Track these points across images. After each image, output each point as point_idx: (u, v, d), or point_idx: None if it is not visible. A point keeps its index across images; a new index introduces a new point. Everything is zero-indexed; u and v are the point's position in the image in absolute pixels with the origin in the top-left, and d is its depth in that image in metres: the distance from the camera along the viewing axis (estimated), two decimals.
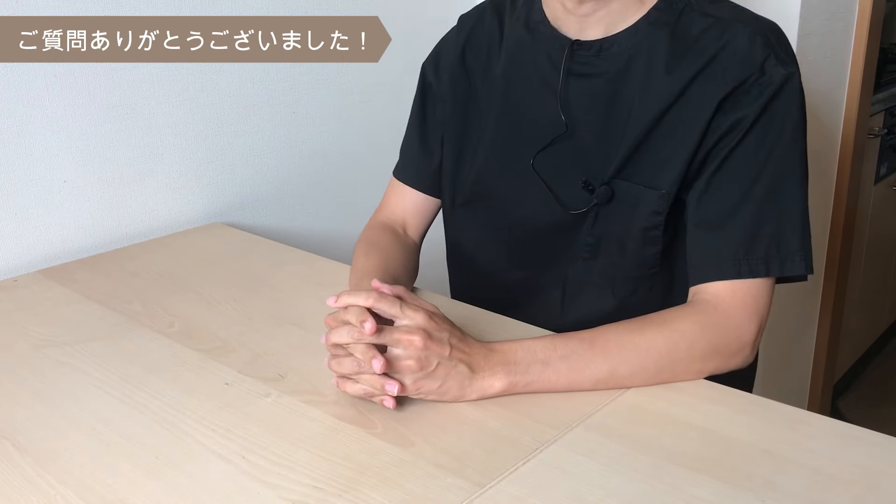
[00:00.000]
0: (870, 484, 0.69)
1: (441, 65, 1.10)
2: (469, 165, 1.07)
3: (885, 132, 2.50)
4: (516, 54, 1.02)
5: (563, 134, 0.97)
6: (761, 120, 0.87)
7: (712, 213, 0.89)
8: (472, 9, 1.11)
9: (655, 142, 0.92)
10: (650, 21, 0.93)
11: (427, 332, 0.79)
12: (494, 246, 1.07)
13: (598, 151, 0.95)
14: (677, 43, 0.91)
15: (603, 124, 0.95)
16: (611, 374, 0.83)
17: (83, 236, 1.26)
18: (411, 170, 1.15)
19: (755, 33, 0.89)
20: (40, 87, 1.17)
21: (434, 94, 1.11)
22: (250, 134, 1.44)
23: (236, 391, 0.85)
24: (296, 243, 1.42)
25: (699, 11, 0.92)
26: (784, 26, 0.95)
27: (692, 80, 0.90)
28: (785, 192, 0.88)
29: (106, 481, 0.71)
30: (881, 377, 2.95)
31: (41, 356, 0.94)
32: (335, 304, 0.81)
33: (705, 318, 0.86)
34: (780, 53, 0.89)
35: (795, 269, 0.88)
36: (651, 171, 0.93)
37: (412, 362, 0.78)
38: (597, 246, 0.98)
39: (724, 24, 0.90)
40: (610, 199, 0.95)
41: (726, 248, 0.88)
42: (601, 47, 0.94)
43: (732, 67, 0.88)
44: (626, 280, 0.97)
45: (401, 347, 0.78)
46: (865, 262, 2.62)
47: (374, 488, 0.69)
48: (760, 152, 0.88)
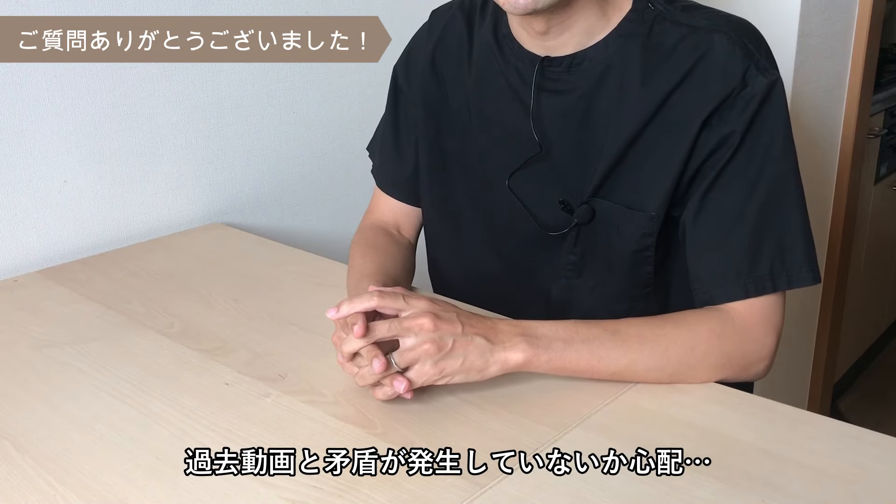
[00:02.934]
0: (870, 484, 0.69)
1: (411, 67, 1.08)
2: (444, 176, 1.05)
3: (885, 132, 2.50)
4: (486, 66, 0.99)
5: (538, 154, 0.94)
6: (750, 133, 0.86)
7: (710, 234, 0.88)
8: (444, 5, 1.08)
9: (635, 158, 0.90)
10: (621, 34, 0.90)
11: (434, 313, 0.78)
12: (473, 261, 1.05)
13: (574, 170, 0.93)
14: (650, 54, 0.89)
15: (578, 142, 0.93)
16: (628, 366, 0.83)
17: (83, 236, 1.26)
18: (389, 177, 1.13)
19: (732, 43, 0.86)
20: (40, 87, 1.17)
21: (406, 97, 1.09)
22: (250, 134, 1.44)
23: (236, 391, 0.85)
24: (296, 243, 1.43)
25: (671, 20, 0.89)
26: (784, 26, 0.94)
27: (670, 93, 0.88)
28: (782, 203, 0.87)
29: (106, 481, 0.71)
30: (881, 377, 2.95)
31: (41, 356, 0.94)
32: (336, 316, 0.80)
33: (722, 328, 0.86)
34: (760, 61, 0.86)
35: (803, 281, 0.87)
36: (633, 189, 0.91)
37: (428, 346, 0.77)
38: (581, 264, 0.96)
39: (699, 34, 0.87)
40: (591, 219, 0.93)
41: (729, 269, 0.86)
42: (571, 63, 0.92)
43: (714, 81, 0.86)
44: (621, 298, 0.96)
45: (412, 335, 0.78)
46: (865, 263, 2.62)
47: (374, 488, 0.69)
48: (752, 167, 0.86)
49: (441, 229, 1.09)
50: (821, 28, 1.83)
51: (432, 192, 1.08)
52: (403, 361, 0.78)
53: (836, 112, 2.06)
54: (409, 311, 0.79)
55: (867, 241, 2.60)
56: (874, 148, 2.48)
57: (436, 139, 1.05)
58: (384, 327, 0.78)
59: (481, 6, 1.02)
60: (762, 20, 0.93)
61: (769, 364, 0.88)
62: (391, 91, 1.11)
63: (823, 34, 1.85)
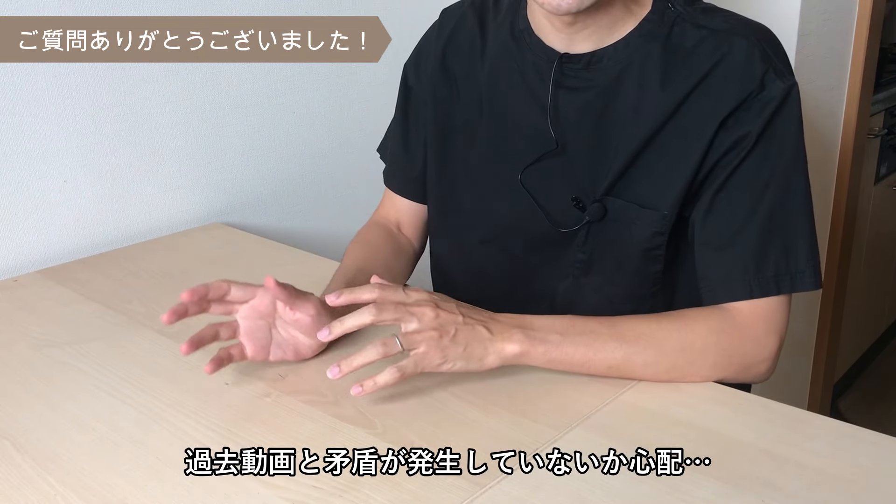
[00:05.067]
0: (870, 484, 0.69)
1: (422, 66, 1.08)
2: (452, 174, 1.05)
3: (885, 132, 2.50)
4: (501, 62, 0.99)
5: (553, 150, 0.94)
6: (764, 137, 0.86)
7: (719, 233, 0.88)
8: (455, 4, 1.08)
9: (649, 158, 0.91)
10: (641, 33, 0.90)
11: (435, 302, 0.80)
12: (478, 258, 1.05)
13: (588, 167, 0.94)
14: (670, 56, 0.89)
15: (594, 139, 0.93)
16: (625, 360, 0.83)
17: (83, 236, 1.26)
18: (397, 175, 1.14)
19: (752, 46, 0.87)
20: (40, 87, 1.17)
21: (416, 96, 1.09)
22: (250, 134, 1.44)
23: (236, 391, 0.85)
24: (296, 243, 1.43)
25: (691, 22, 0.90)
26: (784, 26, 0.94)
27: (688, 95, 0.88)
28: (790, 207, 0.87)
29: (106, 481, 0.71)
30: (881, 377, 2.95)
31: (41, 356, 0.94)
32: (336, 302, 0.81)
33: (721, 325, 0.86)
34: (778, 65, 0.87)
35: (805, 286, 0.87)
36: (646, 188, 0.91)
37: (431, 331, 0.78)
38: (589, 263, 0.96)
39: (718, 37, 0.88)
40: (602, 217, 0.93)
41: (736, 269, 0.87)
42: (591, 60, 0.92)
43: (731, 84, 0.87)
44: (628, 297, 0.96)
45: (414, 320, 0.79)
46: (866, 262, 2.62)
47: (374, 488, 0.69)
48: (764, 169, 0.87)
49: (445, 226, 1.09)
50: (821, 28, 1.83)
51: (438, 188, 1.08)
52: (408, 343, 0.78)
53: (836, 112, 2.06)
54: (412, 299, 0.80)
55: (867, 241, 2.60)
56: (874, 148, 2.48)
57: (444, 137, 1.05)
58: (391, 309, 0.79)
59: (494, 2, 1.02)
60: (762, 20, 0.93)
61: (771, 366, 0.88)
62: (401, 90, 1.11)
63: (823, 34, 1.85)
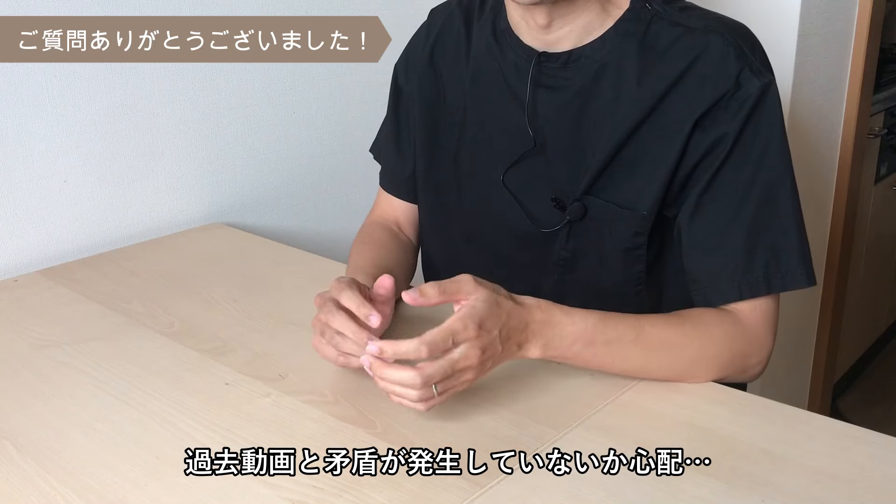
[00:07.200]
0: (870, 484, 0.69)
1: (410, 66, 1.08)
2: (439, 173, 1.05)
3: (885, 132, 2.50)
4: (484, 62, 0.99)
5: (532, 149, 0.95)
6: (743, 135, 0.86)
7: (705, 235, 0.88)
8: (443, 3, 1.08)
9: (627, 158, 0.90)
10: (618, 32, 0.90)
11: (482, 348, 0.75)
12: (464, 257, 1.05)
13: (567, 166, 0.94)
14: (646, 54, 0.89)
15: (572, 138, 0.93)
16: (642, 367, 0.84)
17: (83, 236, 1.26)
18: (389, 176, 1.14)
19: (727, 45, 0.86)
20: (40, 87, 1.17)
21: (406, 96, 1.09)
22: (250, 134, 1.44)
23: (236, 391, 0.85)
24: (296, 243, 1.43)
25: (668, 21, 0.89)
26: (784, 26, 0.94)
27: (664, 94, 0.88)
28: (777, 204, 0.87)
29: (106, 481, 0.71)
30: (881, 377, 2.95)
31: (41, 356, 0.94)
32: (378, 354, 0.75)
33: (734, 330, 0.86)
34: (754, 63, 0.87)
35: (798, 283, 0.87)
36: (625, 188, 0.91)
37: (471, 375, 0.76)
38: (572, 261, 0.96)
39: (694, 35, 0.87)
40: (583, 216, 0.93)
41: (725, 270, 0.87)
42: (568, 59, 0.92)
43: (706, 83, 0.86)
44: (611, 295, 0.96)
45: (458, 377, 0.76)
46: (865, 262, 2.62)
47: (374, 488, 0.69)
48: (747, 168, 0.86)
49: (434, 225, 1.09)
50: (821, 28, 1.83)
51: (427, 187, 1.08)
52: (444, 388, 0.75)
53: (836, 112, 2.06)
54: (458, 352, 0.75)
55: (867, 241, 2.60)
56: (874, 148, 2.48)
57: (432, 136, 1.05)
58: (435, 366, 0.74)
59: (480, 2, 1.03)
60: (762, 20, 0.93)
61: (766, 366, 0.90)
62: (392, 90, 1.12)
63: (823, 34, 1.85)
